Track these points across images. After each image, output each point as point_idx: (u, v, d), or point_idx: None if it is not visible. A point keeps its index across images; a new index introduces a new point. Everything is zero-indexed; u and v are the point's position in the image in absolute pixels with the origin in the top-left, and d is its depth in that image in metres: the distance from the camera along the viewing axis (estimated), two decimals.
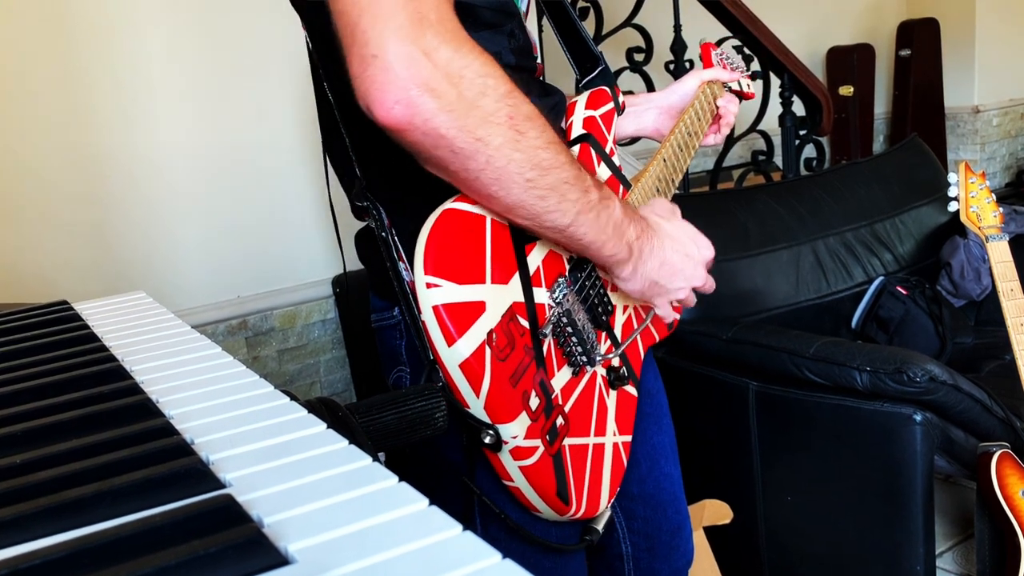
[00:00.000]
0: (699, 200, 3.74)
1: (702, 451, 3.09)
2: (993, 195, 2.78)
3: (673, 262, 1.49)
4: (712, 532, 2.79)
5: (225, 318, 3.52)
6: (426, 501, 0.69)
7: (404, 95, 1.13)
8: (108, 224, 3.23)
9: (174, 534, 0.64)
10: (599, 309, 1.55)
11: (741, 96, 2.16)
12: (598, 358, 1.52)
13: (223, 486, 0.73)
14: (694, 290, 1.57)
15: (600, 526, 1.55)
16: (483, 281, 1.31)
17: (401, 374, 1.53)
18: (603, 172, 1.67)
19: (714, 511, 2.79)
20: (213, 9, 3.34)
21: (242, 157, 3.49)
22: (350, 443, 0.81)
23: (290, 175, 3.59)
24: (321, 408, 1.05)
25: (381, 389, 1.53)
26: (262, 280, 3.62)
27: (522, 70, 1.55)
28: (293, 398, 0.95)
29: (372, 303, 1.57)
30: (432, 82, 1.13)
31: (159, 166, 3.31)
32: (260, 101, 3.47)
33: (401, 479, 0.73)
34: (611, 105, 1.75)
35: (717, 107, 1.96)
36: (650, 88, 4.41)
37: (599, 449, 1.51)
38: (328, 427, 0.85)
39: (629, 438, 1.61)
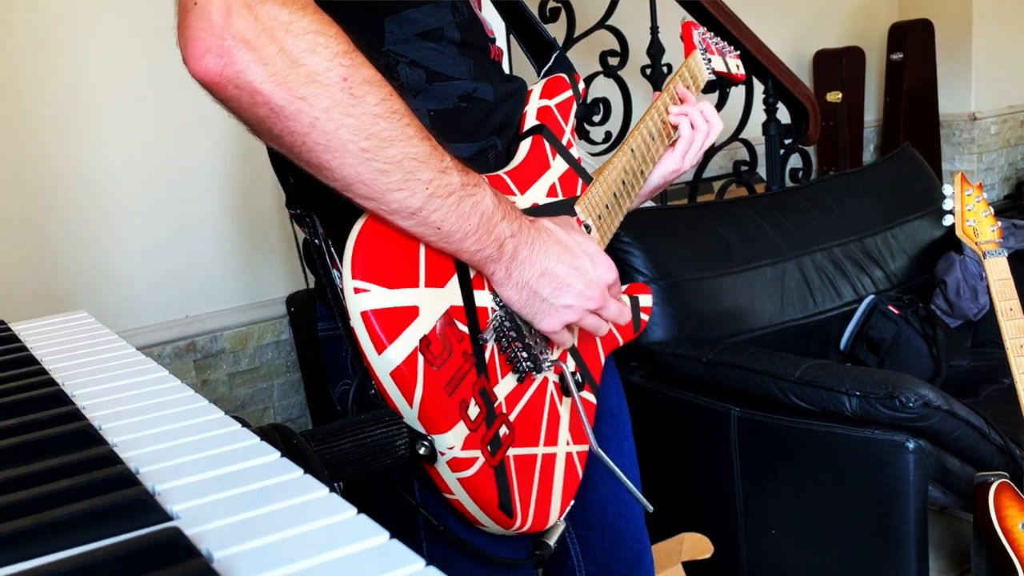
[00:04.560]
0: (678, 213, 3.75)
1: (680, 481, 3.10)
2: (991, 208, 2.80)
3: (558, 273, 1.43)
4: (691, 567, 2.80)
5: (172, 339, 3.52)
6: (387, 534, 0.69)
7: (217, 45, 1.12)
8: (47, 239, 3.22)
9: (117, 569, 0.64)
10: None
11: (730, 79, 2.16)
12: (546, 364, 1.50)
13: (170, 518, 0.73)
14: (598, 316, 1.51)
15: (552, 540, 1.54)
16: (416, 285, 1.31)
17: (347, 387, 1.52)
18: (559, 165, 1.66)
19: (693, 545, 2.79)
20: (157, 14, 3.34)
21: (189, 168, 3.50)
22: (305, 472, 0.81)
23: (241, 187, 3.59)
24: (275, 435, 1.05)
25: (339, 415, 1.54)
26: (211, 298, 3.62)
27: (471, 47, 1.55)
28: (245, 424, 0.96)
29: (319, 312, 1.58)
30: (249, 34, 1.12)
31: (101, 177, 3.31)
32: (207, 110, 3.45)
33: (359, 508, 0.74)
34: (569, 93, 1.74)
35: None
36: (625, 93, 4.42)
37: (549, 459, 1.50)
38: (282, 455, 0.86)
39: (585, 447, 1.60)
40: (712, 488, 3.00)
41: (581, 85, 1.80)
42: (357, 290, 1.26)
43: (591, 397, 1.65)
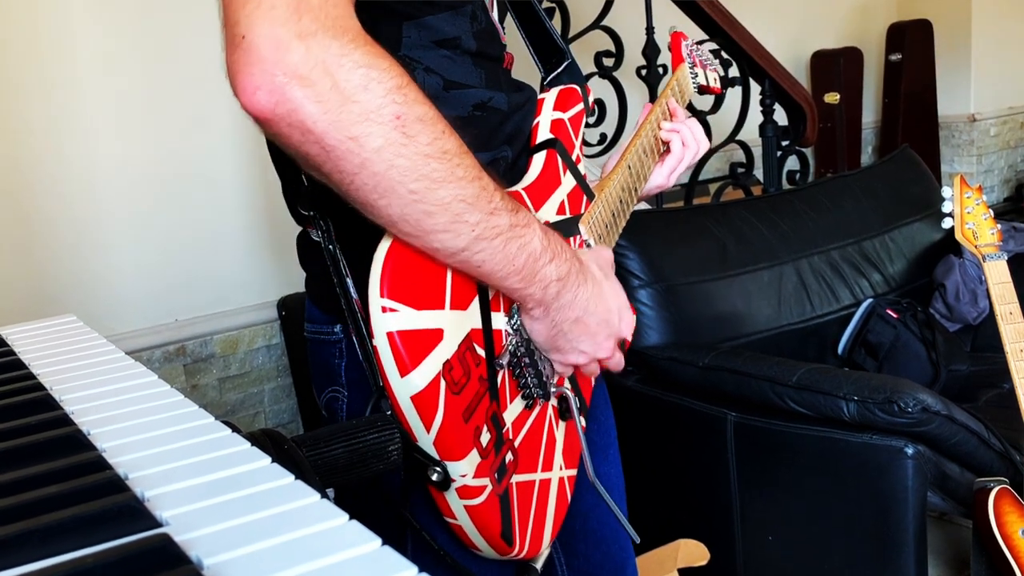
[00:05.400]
0: (673, 216, 3.75)
1: (676, 486, 3.10)
2: (990, 211, 2.80)
3: (588, 323, 1.44)
4: (688, 574, 2.80)
5: (162, 343, 3.51)
6: (379, 541, 0.69)
7: (268, 81, 1.09)
8: (35, 241, 3.21)
9: None
10: None
11: (707, 91, 2.17)
12: (553, 389, 1.50)
13: (159, 524, 0.73)
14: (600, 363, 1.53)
15: (539, 564, 1.52)
16: (442, 307, 1.29)
17: (336, 395, 1.51)
18: (568, 182, 1.65)
19: (689, 552, 2.79)
20: (147, 15, 3.34)
21: (180, 169, 3.49)
22: (296, 478, 0.81)
23: (231, 188, 3.59)
24: (265, 440, 1.05)
25: (325, 422, 1.53)
26: (201, 302, 3.62)
27: (486, 57, 1.53)
28: (235, 430, 0.95)
29: (309, 312, 1.56)
30: (302, 69, 1.09)
31: (90, 179, 3.30)
32: (199, 109, 3.46)
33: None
34: (580, 107, 1.73)
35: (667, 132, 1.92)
36: (620, 94, 4.42)
37: (545, 485, 1.49)
38: (273, 461, 0.86)
39: (575, 472, 1.60)
40: (708, 494, 3.00)
41: (591, 97, 1.80)
42: (385, 309, 1.23)
43: (583, 421, 1.64)
